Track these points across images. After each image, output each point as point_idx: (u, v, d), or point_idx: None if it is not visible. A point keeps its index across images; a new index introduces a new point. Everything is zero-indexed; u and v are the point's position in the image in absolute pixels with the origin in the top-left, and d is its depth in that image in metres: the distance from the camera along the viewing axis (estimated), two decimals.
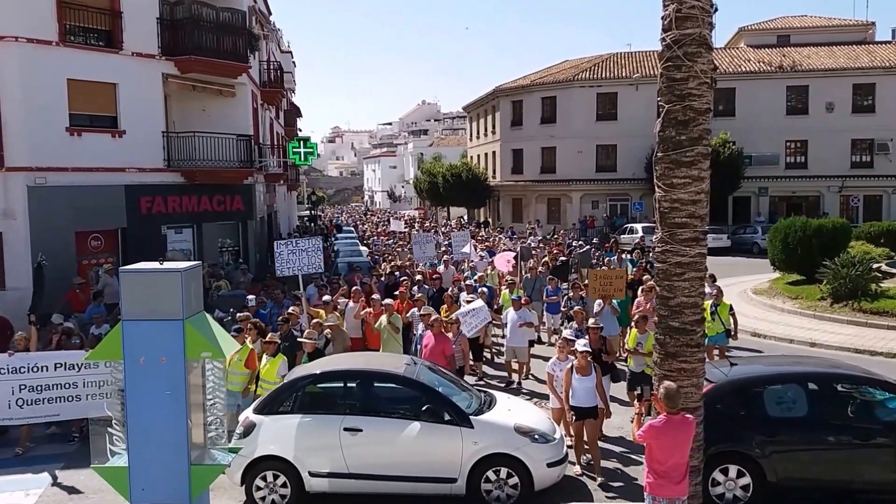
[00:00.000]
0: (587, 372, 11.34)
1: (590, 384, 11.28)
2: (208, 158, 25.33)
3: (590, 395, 11.25)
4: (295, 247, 17.41)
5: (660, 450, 7.71)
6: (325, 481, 10.30)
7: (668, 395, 7.74)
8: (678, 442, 7.71)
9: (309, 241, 17.77)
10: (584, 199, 53.23)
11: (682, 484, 7.79)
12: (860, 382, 10.59)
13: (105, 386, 11.95)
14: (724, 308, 16.53)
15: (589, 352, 11.56)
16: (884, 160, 48.74)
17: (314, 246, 17.49)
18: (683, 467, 7.82)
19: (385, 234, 45.85)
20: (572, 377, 11.38)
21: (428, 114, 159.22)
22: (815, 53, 51.39)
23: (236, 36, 26.44)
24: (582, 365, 11.35)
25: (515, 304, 16.87)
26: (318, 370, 11.21)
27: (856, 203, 48.34)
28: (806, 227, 26.05)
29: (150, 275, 7.41)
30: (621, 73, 52.31)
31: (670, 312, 8.40)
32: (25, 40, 20.63)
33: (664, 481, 7.72)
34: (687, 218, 8.25)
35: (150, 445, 7.31)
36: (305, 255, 17.25)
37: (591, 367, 11.41)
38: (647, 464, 7.85)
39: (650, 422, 7.79)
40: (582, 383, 11.30)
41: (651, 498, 7.82)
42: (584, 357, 11.40)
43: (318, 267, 17.67)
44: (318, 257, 17.44)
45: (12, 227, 20.44)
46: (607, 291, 16.97)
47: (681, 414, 7.79)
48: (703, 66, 8.14)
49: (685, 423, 7.76)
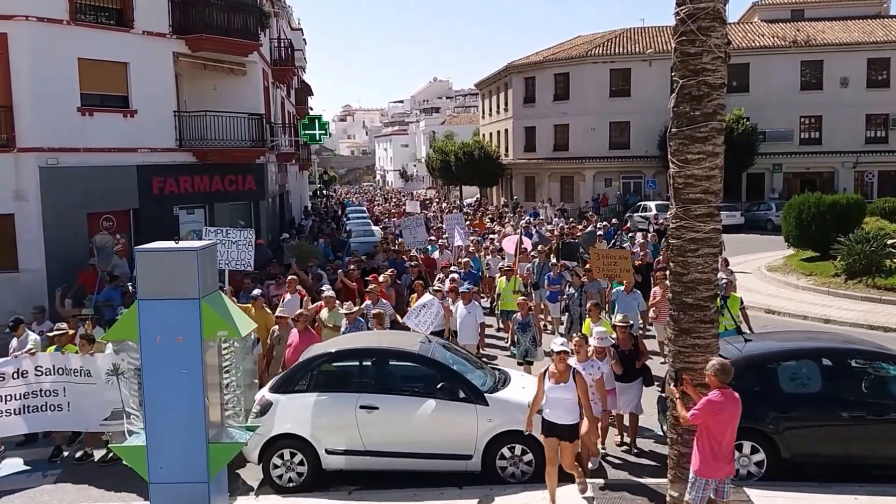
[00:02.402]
0: (565, 378, 9.19)
1: (568, 395, 9.15)
2: (220, 138, 25.32)
3: (568, 409, 9.16)
4: (225, 237, 15.18)
5: (717, 426, 7.56)
6: (342, 459, 10.39)
7: (724, 370, 7.60)
8: (733, 418, 7.61)
9: (241, 232, 15.49)
10: (598, 177, 53.04)
11: (732, 463, 7.78)
12: (874, 358, 10.57)
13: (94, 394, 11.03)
14: (735, 302, 14.66)
15: (567, 352, 9.46)
16: None
17: (246, 239, 15.32)
18: (733, 444, 7.76)
19: (400, 215, 44.42)
20: (545, 384, 9.29)
21: (440, 91, 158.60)
22: (830, 28, 50.87)
23: (247, 14, 26.35)
24: (559, 370, 9.23)
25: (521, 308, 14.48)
26: (334, 349, 11.26)
27: (870, 179, 48.06)
28: (820, 203, 25.93)
29: (166, 254, 7.47)
30: (635, 49, 51.90)
31: (684, 289, 8.36)
32: (36, 19, 20.53)
33: (719, 462, 7.60)
34: (701, 194, 8.20)
35: (167, 424, 7.41)
36: (235, 248, 15.18)
37: (571, 374, 9.23)
38: (700, 445, 7.65)
39: (707, 398, 7.58)
40: (556, 393, 9.19)
41: (703, 481, 7.65)
42: (561, 360, 9.27)
43: (247, 264, 15.43)
44: (249, 253, 15.32)
45: (24, 208, 20.41)
46: (612, 271, 16.00)
47: (729, 388, 7.65)
48: (718, 40, 8.05)
49: (735, 398, 7.63)
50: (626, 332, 11.70)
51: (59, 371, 11.24)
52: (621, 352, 11.45)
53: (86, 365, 11.22)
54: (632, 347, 11.60)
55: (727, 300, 14.29)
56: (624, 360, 11.36)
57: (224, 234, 15.24)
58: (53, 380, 11.22)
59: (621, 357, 11.38)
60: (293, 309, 14.38)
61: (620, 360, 11.35)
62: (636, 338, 11.95)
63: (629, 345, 11.61)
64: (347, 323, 13.42)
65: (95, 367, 11.16)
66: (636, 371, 11.46)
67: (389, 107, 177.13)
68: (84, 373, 11.19)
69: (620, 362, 11.31)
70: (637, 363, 11.50)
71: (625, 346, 11.55)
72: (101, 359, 11.21)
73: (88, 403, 11.06)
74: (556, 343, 9.45)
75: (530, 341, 13.98)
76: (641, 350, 11.67)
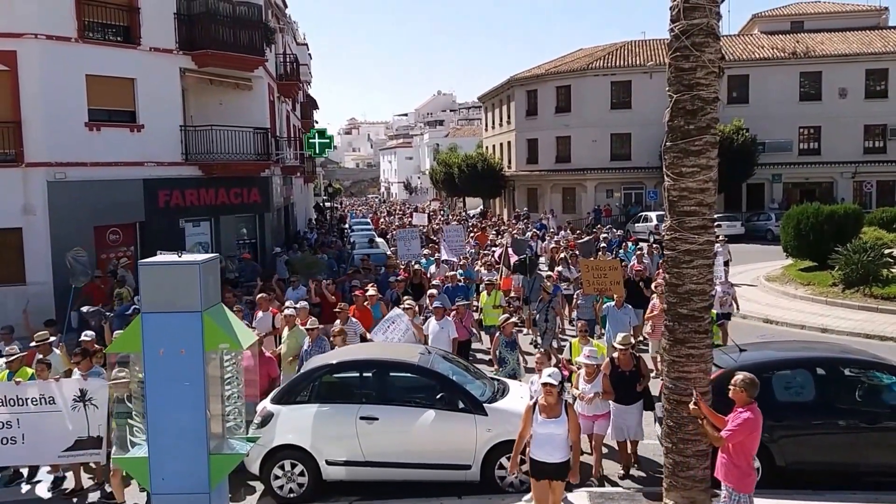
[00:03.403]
0: (556, 413, 8.36)
1: (559, 431, 8.32)
2: (225, 151, 25.55)
3: (559, 446, 8.38)
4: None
5: (752, 442, 7.73)
6: (342, 469, 10.49)
7: (754, 384, 7.75)
8: (760, 431, 7.81)
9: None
10: (599, 188, 53.16)
11: None
12: (867, 367, 10.70)
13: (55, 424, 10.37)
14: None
15: (553, 384, 8.39)
16: None
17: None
18: None
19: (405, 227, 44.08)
20: (533, 418, 8.45)
21: (443, 104, 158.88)
22: (829, 39, 51.09)
23: (252, 30, 26.58)
24: (549, 404, 8.39)
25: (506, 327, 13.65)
26: (335, 360, 11.37)
27: (869, 189, 48.17)
28: (818, 213, 26.01)
29: (169, 267, 7.54)
30: (635, 62, 52.09)
31: (679, 299, 8.50)
32: (45, 37, 20.83)
33: (752, 476, 7.83)
34: (696, 206, 8.34)
35: (169, 436, 7.44)
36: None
37: (563, 408, 8.41)
38: (737, 462, 7.72)
39: (743, 417, 7.67)
40: (547, 429, 8.35)
41: (747, 497, 7.76)
42: (549, 392, 8.38)
43: None
44: None
45: (32, 222, 20.69)
46: (602, 284, 15.41)
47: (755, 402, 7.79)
48: (711, 55, 8.22)
49: (759, 411, 7.78)
50: (628, 353, 11.11)
51: (12, 402, 10.40)
52: (621, 373, 10.97)
53: (46, 392, 10.47)
54: (633, 368, 11.05)
55: None
56: (624, 382, 10.90)
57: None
58: (7, 411, 10.38)
59: (621, 379, 10.91)
60: (265, 327, 14.30)
61: (621, 381, 10.86)
62: (638, 358, 11.33)
63: (630, 365, 11.06)
64: (310, 341, 12.98)
65: (60, 393, 10.49)
66: (637, 394, 10.97)
67: (394, 120, 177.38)
68: (45, 400, 10.43)
69: (621, 384, 10.82)
70: (638, 385, 11.00)
71: (626, 367, 11.03)
72: (67, 385, 10.57)
73: (47, 435, 10.40)
74: (545, 374, 8.62)
75: (517, 361, 13.33)
76: (643, 373, 11.13)
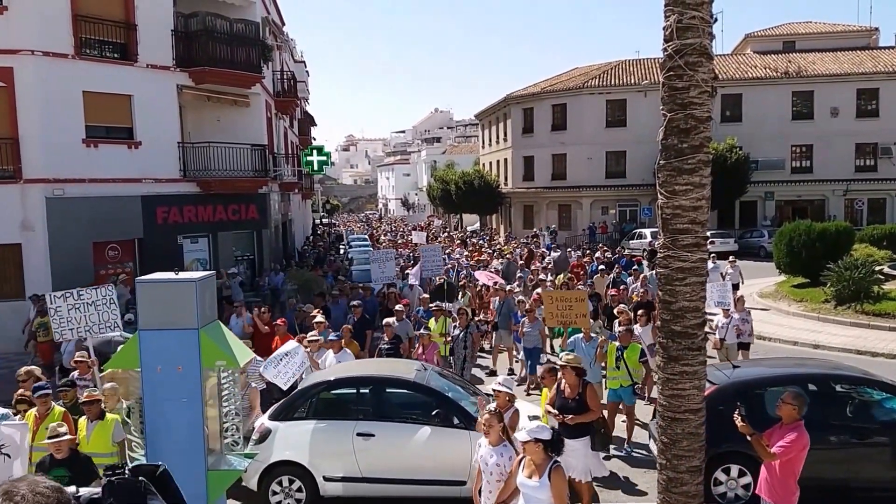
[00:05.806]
0: (539, 473, 6.83)
1: (541, 496, 6.80)
2: (223, 168, 25.69)
3: None
4: (77, 299, 12.18)
5: (801, 460, 7.75)
6: (339, 485, 10.55)
7: (804, 400, 7.81)
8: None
9: (98, 290, 12.42)
10: (595, 205, 53.47)
11: None
12: (858, 383, 10.82)
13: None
14: (634, 352, 12.68)
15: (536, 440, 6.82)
16: (887, 164, 49.04)
17: (105, 297, 12.30)
18: None
19: (406, 245, 43.01)
20: (518, 479, 7.00)
21: (441, 121, 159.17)
22: (821, 59, 51.58)
23: (250, 47, 26.78)
24: (536, 462, 6.88)
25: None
26: (332, 377, 11.46)
27: (860, 206, 48.56)
28: (810, 230, 26.24)
29: (166, 285, 7.62)
30: (630, 80, 52.48)
31: (672, 316, 8.57)
32: (42, 53, 21.00)
33: (796, 494, 7.78)
34: (689, 224, 8.42)
35: (167, 452, 7.44)
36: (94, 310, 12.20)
37: (548, 470, 6.77)
38: (788, 481, 7.78)
39: (793, 436, 7.69)
40: (527, 489, 6.89)
41: None
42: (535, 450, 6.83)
43: (114, 325, 12.38)
44: (114, 312, 12.32)
45: (31, 238, 20.82)
46: (567, 317, 13.67)
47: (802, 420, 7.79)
48: (704, 75, 8.32)
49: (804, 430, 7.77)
50: (575, 377, 9.85)
51: None
52: (564, 399, 9.82)
53: None
54: (577, 397, 9.74)
55: (624, 350, 12.57)
56: (567, 412, 9.68)
57: (76, 296, 12.23)
58: None
59: (564, 407, 9.74)
60: None
61: (563, 410, 9.70)
62: (586, 385, 9.92)
63: (575, 393, 9.76)
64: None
65: None
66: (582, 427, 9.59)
67: (392, 136, 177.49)
68: None
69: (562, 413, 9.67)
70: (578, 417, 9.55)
71: (570, 394, 9.80)
72: None
73: None
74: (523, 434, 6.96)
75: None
76: (590, 406, 9.67)
